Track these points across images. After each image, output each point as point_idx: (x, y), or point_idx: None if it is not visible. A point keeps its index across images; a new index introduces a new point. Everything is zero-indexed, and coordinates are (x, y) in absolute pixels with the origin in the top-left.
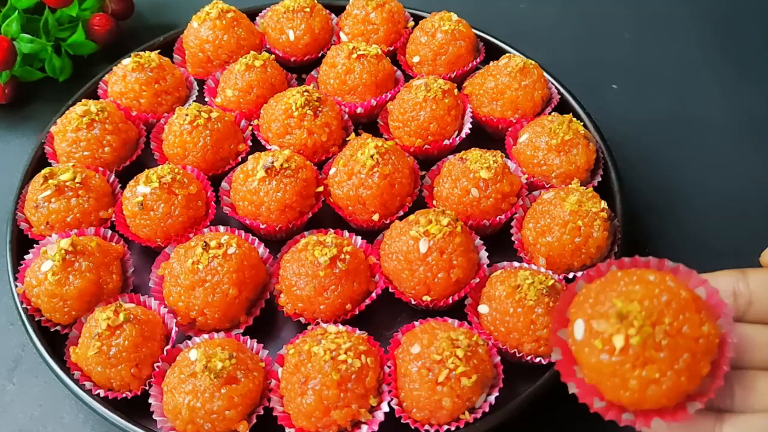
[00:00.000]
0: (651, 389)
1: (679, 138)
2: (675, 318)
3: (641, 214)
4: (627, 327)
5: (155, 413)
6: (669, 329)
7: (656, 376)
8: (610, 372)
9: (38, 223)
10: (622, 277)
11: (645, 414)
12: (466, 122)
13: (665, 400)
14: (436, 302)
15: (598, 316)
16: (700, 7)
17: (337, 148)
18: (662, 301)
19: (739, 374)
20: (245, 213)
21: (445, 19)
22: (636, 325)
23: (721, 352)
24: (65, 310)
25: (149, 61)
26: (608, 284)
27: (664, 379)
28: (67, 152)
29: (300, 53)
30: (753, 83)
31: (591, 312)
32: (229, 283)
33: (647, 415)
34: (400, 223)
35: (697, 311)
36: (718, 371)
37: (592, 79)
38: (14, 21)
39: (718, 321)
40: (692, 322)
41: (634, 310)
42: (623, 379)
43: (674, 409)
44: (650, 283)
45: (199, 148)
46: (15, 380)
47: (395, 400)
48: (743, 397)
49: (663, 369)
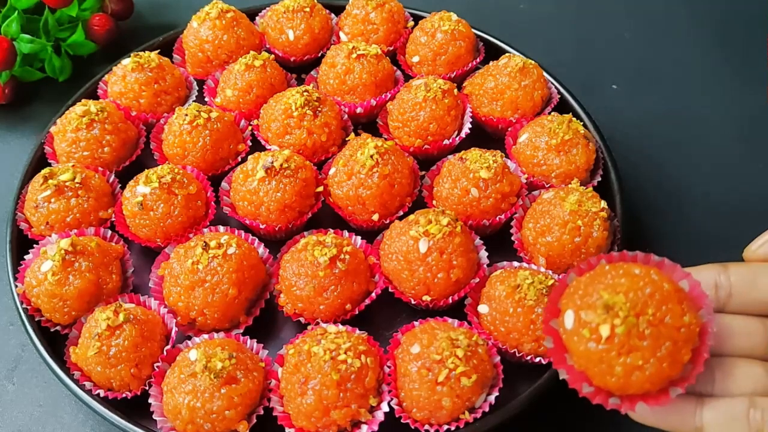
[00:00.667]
0: (635, 375)
1: (679, 138)
2: (658, 309)
3: (641, 214)
4: (613, 317)
5: (155, 413)
6: (652, 319)
7: (640, 363)
8: (597, 359)
9: (38, 223)
10: (610, 271)
11: (630, 398)
12: (465, 122)
13: (649, 385)
14: (435, 302)
15: (586, 307)
16: (701, 7)
17: (337, 148)
18: (646, 293)
19: (719, 361)
20: (245, 213)
21: (444, 19)
22: (621, 315)
23: (701, 341)
24: (65, 310)
25: (149, 61)
26: (596, 277)
27: (648, 366)
28: (67, 152)
29: (300, 53)
30: (753, 83)
31: (580, 303)
32: (228, 283)
33: (632, 400)
34: (399, 223)
35: (679, 302)
36: (699, 358)
37: (592, 79)
38: (14, 21)
39: (700, 312)
40: (674, 313)
41: (620, 301)
42: (609, 365)
43: (657, 394)
44: (635, 276)
45: (198, 148)
46: (15, 380)
47: (395, 400)
48: (723, 383)
49: (646, 356)
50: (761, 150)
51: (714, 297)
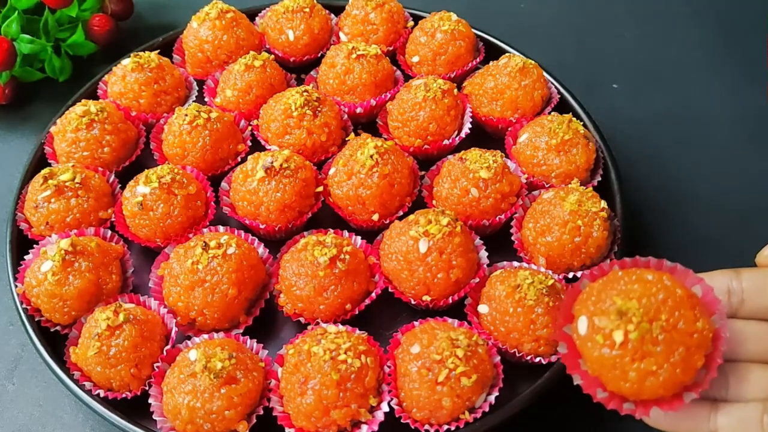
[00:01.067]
0: (649, 380)
1: (680, 137)
2: (671, 314)
3: (641, 214)
4: (626, 323)
5: (155, 413)
6: (665, 325)
7: (653, 368)
8: (611, 365)
9: (38, 223)
10: (623, 277)
11: (644, 403)
12: (465, 122)
13: (662, 390)
14: (435, 302)
15: (600, 313)
16: (701, 7)
17: (337, 148)
18: (659, 299)
19: (732, 366)
20: (245, 213)
21: (444, 18)
22: (634, 321)
23: (715, 346)
24: (65, 311)
25: (149, 61)
26: (609, 283)
27: (661, 371)
28: (67, 152)
29: (299, 53)
30: (753, 83)
31: (593, 309)
32: (228, 283)
33: (646, 405)
34: (399, 223)
35: (692, 308)
36: (712, 364)
37: (592, 78)
38: (14, 21)
39: (712, 317)
40: (687, 318)
41: (633, 307)
42: (623, 371)
43: (671, 399)
44: (648, 282)
45: (198, 149)
46: (15, 380)
47: (395, 400)
48: (736, 388)
49: (660, 362)
50: (762, 149)
51: (727, 302)
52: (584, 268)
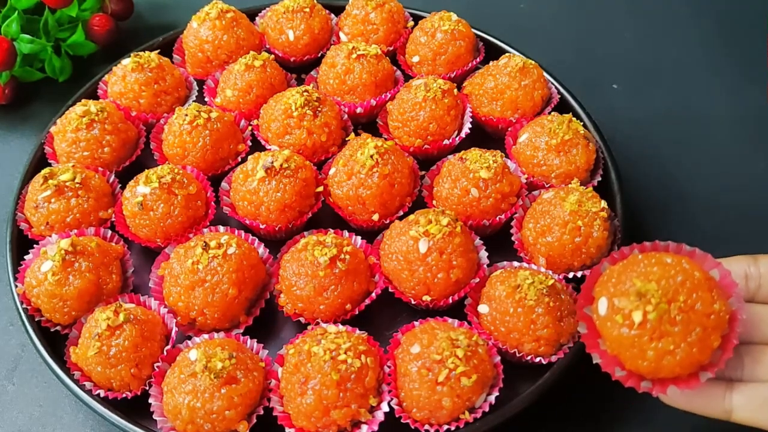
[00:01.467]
0: (666, 359)
1: (680, 138)
2: (689, 296)
3: (642, 214)
4: (645, 304)
5: (155, 413)
6: (683, 306)
7: (671, 347)
8: (630, 344)
9: (38, 223)
10: (642, 260)
11: (661, 382)
12: (465, 122)
13: (679, 369)
14: (435, 302)
15: (620, 294)
16: (701, 7)
17: (337, 148)
18: (677, 281)
19: (748, 348)
20: (245, 213)
21: (444, 18)
22: (653, 302)
23: (731, 328)
24: (65, 311)
25: (149, 61)
26: (629, 266)
27: (678, 351)
28: (67, 152)
29: (299, 53)
30: (753, 83)
31: (613, 290)
32: (228, 283)
33: (663, 383)
34: (399, 223)
35: (710, 290)
36: (728, 345)
37: (592, 78)
38: (14, 21)
39: (729, 300)
40: (704, 300)
41: (652, 288)
42: (641, 350)
43: (688, 378)
44: (667, 264)
45: (198, 149)
46: (15, 380)
47: (395, 400)
48: (752, 368)
49: (677, 341)
50: (762, 149)
51: (744, 287)
52: (584, 268)
